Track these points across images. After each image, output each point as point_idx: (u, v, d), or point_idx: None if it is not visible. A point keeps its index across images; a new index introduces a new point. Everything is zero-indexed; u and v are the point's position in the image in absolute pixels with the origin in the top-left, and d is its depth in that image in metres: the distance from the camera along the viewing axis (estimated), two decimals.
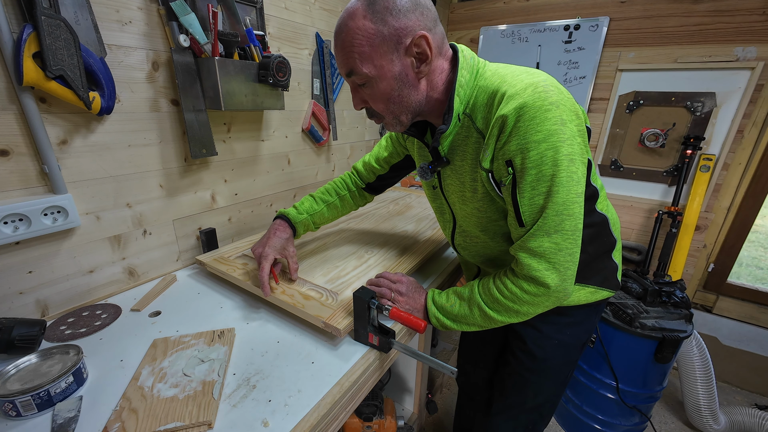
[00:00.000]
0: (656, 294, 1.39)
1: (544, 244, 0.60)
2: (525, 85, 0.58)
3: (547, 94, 0.56)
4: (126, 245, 0.92)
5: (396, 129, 0.71)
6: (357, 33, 0.58)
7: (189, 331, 0.76)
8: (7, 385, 0.57)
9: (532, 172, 0.58)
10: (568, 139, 0.57)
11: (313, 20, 1.30)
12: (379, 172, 1.00)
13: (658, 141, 1.69)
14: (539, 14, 1.87)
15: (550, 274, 0.61)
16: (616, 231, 0.80)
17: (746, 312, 1.74)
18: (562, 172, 0.57)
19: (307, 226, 0.97)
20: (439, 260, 1.12)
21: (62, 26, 0.67)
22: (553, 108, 0.56)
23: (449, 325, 0.74)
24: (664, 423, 1.66)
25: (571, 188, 0.58)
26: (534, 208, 0.60)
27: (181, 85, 0.90)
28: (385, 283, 0.80)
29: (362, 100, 0.67)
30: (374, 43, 0.58)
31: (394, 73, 0.61)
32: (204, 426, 0.54)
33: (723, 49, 1.52)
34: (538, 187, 0.58)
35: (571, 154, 0.57)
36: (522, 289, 0.64)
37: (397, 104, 0.65)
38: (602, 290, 0.80)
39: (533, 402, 0.90)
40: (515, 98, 0.57)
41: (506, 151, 0.59)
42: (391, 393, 1.52)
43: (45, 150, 0.73)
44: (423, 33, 0.58)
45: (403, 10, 0.57)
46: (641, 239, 1.87)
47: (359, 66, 0.60)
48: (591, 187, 0.70)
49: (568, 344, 0.84)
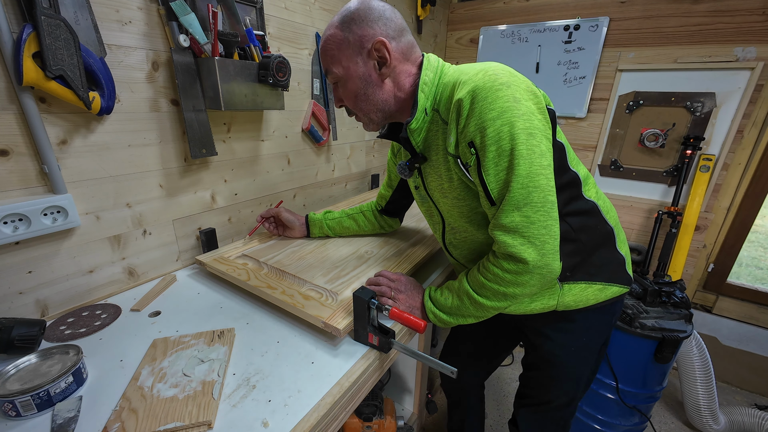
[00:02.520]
0: (656, 294, 1.39)
1: (515, 218, 0.61)
2: (476, 71, 0.63)
3: (497, 76, 0.61)
4: (126, 245, 0.92)
5: (370, 128, 0.79)
6: (330, 40, 0.70)
7: (189, 331, 0.76)
8: (7, 385, 0.56)
9: (492, 149, 0.61)
10: (524, 114, 0.60)
11: (313, 20, 1.30)
12: (386, 195, 1.09)
13: (657, 141, 1.69)
14: (539, 14, 1.87)
15: (526, 249, 0.61)
16: (611, 219, 0.79)
17: (746, 312, 1.74)
18: (520, 145, 0.59)
19: (321, 227, 1.10)
20: (440, 259, 1.12)
21: (62, 26, 0.67)
22: (503, 87, 0.60)
23: (445, 319, 0.75)
24: (663, 423, 1.66)
25: (534, 160, 0.60)
26: (500, 183, 0.62)
27: (181, 85, 0.90)
28: (385, 281, 0.81)
29: (339, 98, 0.77)
30: (341, 47, 0.69)
31: (359, 74, 0.71)
32: (204, 426, 0.54)
33: (723, 50, 1.52)
34: (500, 162, 0.61)
35: (529, 128, 0.60)
36: (502, 268, 0.64)
37: (364, 101, 0.73)
38: (612, 286, 0.79)
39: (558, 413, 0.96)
40: (468, 83, 0.62)
41: (466, 133, 0.63)
42: (391, 393, 1.52)
43: (45, 150, 0.72)
44: (381, 39, 0.67)
45: (366, 21, 0.68)
46: (641, 239, 1.87)
47: (331, 67, 0.72)
48: (571, 172, 0.72)
49: (583, 348, 0.85)
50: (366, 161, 1.79)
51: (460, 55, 2.17)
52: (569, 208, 0.72)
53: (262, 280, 0.87)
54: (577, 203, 0.74)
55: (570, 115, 1.90)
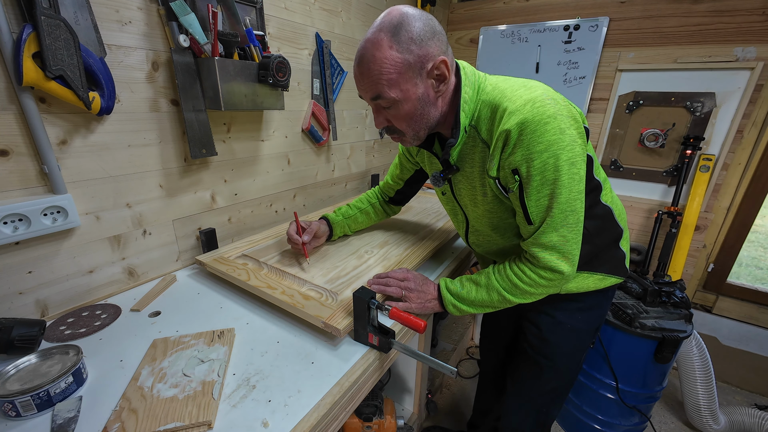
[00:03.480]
0: (656, 294, 1.39)
1: (554, 238, 0.68)
2: (524, 102, 0.63)
3: (544, 108, 0.62)
4: (126, 245, 0.92)
5: (413, 144, 0.77)
6: (385, 62, 0.63)
7: (189, 331, 0.76)
8: (7, 385, 0.56)
9: (537, 179, 0.65)
10: (568, 145, 0.63)
11: (313, 20, 1.30)
12: (396, 187, 1.12)
13: (657, 141, 1.69)
14: (539, 14, 1.87)
15: (562, 263, 0.69)
16: (622, 221, 0.85)
17: (746, 312, 1.74)
18: (563, 175, 0.64)
19: (343, 228, 1.11)
20: (444, 254, 1.13)
21: (62, 26, 0.67)
22: (551, 120, 0.62)
23: (466, 309, 0.79)
24: (663, 423, 1.66)
25: (573, 188, 0.65)
26: (540, 208, 0.67)
27: (181, 85, 0.90)
28: (394, 282, 0.82)
29: (386, 119, 0.73)
30: (401, 71, 0.64)
31: (418, 95, 0.67)
32: (204, 426, 0.54)
33: (723, 50, 1.52)
34: (543, 190, 0.66)
35: (572, 158, 0.64)
36: (540, 276, 0.71)
37: (418, 122, 0.71)
38: (610, 277, 0.86)
39: (548, 386, 0.96)
40: (516, 114, 0.63)
41: (512, 161, 0.66)
42: (391, 393, 1.52)
43: (45, 150, 0.72)
44: (443, 58, 0.64)
45: (425, 39, 0.63)
46: (641, 239, 1.87)
47: (387, 91, 0.65)
48: (594, 180, 0.76)
49: (581, 330, 0.90)
50: (366, 161, 1.79)
51: (461, 55, 2.17)
52: (588, 212, 0.75)
53: (262, 280, 0.87)
54: (596, 209, 0.79)
55: None
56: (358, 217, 1.13)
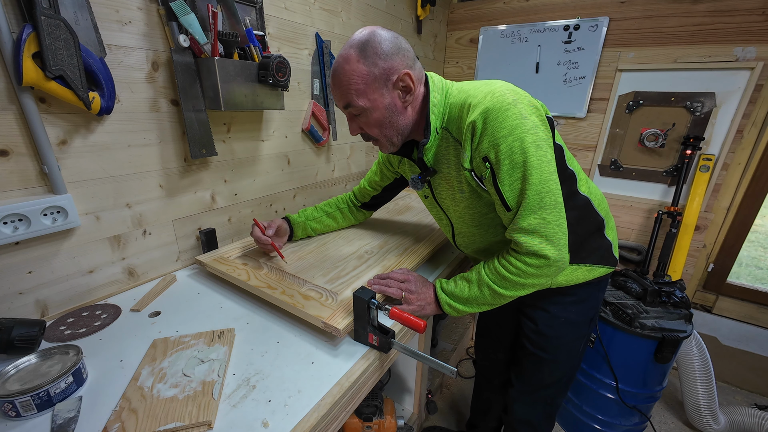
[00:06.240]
0: (656, 294, 1.39)
1: (533, 221, 0.69)
2: (485, 94, 0.69)
3: (503, 97, 0.67)
4: (126, 245, 0.92)
5: (389, 150, 0.82)
6: (353, 74, 0.70)
7: (189, 332, 0.76)
8: (7, 385, 0.56)
9: (506, 162, 0.67)
10: (531, 129, 0.67)
11: (313, 20, 1.30)
12: (373, 193, 1.15)
13: (657, 141, 1.69)
14: (539, 14, 1.87)
15: (546, 246, 0.69)
16: (602, 210, 0.87)
17: (746, 312, 1.74)
18: (531, 157, 0.66)
19: (305, 229, 1.11)
20: (444, 255, 1.13)
21: (62, 26, 0.67)
22: (511, 107, 0.66)
23: (462, 308, 0.79)
24: (663, 423, 1.66)
25: (543, 168, 0.68)
26: (515, 192, 0.69)
27: (181, 85, 0.90)
28: (395, 283, 0.83)
29: (358, 127, 0.79)
30: (368, 82, 0.71)
31: (385, 104, 0.73)
32: (204, 426, 0.54)
33: (722, 49, 1.52)
34: (514, 173, 0.68)
35: (536, 141, 0.67)
36: (525, 263, 0.71)
37: (388, 128, 0.77)
38: (599, 267, 0.88)
39: (551, 378, 0.99)
40: (479, 106, 0.68)
41: (480, 149, 0.69)
42: (391, 393, 1.52)
43: (45, 150, 0.72)
44: (407, 71, 0.71)
45: (390, 55, 0.70)
46: (641, 239, 1.87)
47: (356, 100, 0.72)
48: (568, 170, 0.79)
49: (576, 321, 0.92)
50: (366, 161, 1.79)
51: (460, 55, 2.17)
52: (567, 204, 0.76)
53: (262, 280, 0.87)
54: (574, 199, 0.81)
55: (570, 115, 1.90)
56: (323, 219, 1.14)
